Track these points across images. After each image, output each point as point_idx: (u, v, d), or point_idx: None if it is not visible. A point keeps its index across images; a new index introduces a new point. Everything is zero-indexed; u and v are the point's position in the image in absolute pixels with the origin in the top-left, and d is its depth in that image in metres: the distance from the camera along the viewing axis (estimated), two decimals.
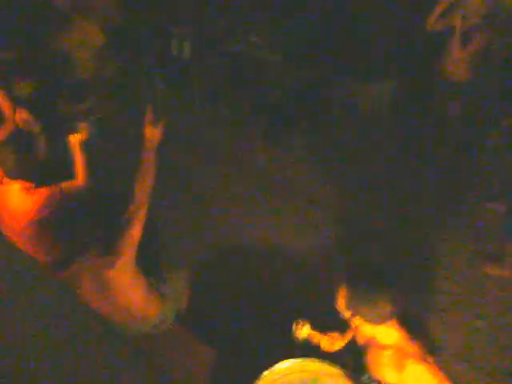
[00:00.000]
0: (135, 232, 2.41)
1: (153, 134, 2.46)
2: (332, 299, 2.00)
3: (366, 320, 1.90)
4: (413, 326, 2.03)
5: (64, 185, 2.87)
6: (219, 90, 4.79)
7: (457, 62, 4.41)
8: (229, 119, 4.70)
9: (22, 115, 3.10)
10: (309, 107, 4.89)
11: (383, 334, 1.93)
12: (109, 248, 2.41)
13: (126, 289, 2.48)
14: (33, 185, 2.79)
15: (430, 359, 1.89)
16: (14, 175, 2.74)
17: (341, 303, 1.95)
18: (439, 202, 4.13)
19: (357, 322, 1.92)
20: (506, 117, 4.14)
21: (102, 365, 1.35)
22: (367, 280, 1.91)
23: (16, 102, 3.14)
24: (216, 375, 2.58)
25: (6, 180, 2.77)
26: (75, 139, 2.96)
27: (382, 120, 4.79)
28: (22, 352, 1.15)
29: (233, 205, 4.12)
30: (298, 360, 2.27)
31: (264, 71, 4.68)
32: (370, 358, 2.03)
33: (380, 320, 1.88)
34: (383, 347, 1.94)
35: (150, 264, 2.62)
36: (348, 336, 2.41)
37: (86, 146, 2.96)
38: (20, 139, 2.90)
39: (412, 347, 1.91)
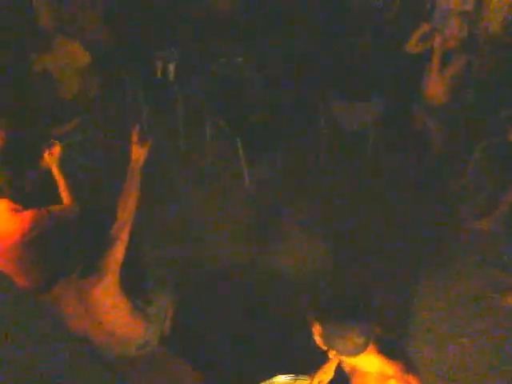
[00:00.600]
0: (118, 252, 2.39)
1: (139, 154, 2.47)
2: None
3: (341, 354, 1.91)
4: (395, 346, 2.03)
5: (52, 208, 2.83)
6: (204, 112, 4.81)
7: (436, 85, 4.51)
8: (214, 140, 4.72)
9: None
10: (295, 127, 4.93)
11: (363, 362, 1.95)
12: (92, 268, 2.38)
13: (110, 310, 2.44)
14: (20, 207, 2.74)
15: (413, 379, 1.90)
16: (2, 193, 2.68)
17: (316, 338, 1.97)
18: (423, 222, 4.16)
19: (334, 354, 1.93)
20: (489, 138, 4.21)
21: None
22: (338, 316, 1.91)
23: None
24: None
25: None
26: (51, 160, 2.89)
27: (368, 139, 4.84)
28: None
29: (220, 226, 4.11)
30: (290, 376, 2.41)
31: (249, 92, 4.72)
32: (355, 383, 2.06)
33: (355, 352, 1.89)
34: (365, 374, 1.97)
35: (134, 285, 2.59)
36: (332, 366, 2.41)
37: (68, 166, 2.91)
38: (10, 158, 2.86)
39: (392, 369, 1.92)
